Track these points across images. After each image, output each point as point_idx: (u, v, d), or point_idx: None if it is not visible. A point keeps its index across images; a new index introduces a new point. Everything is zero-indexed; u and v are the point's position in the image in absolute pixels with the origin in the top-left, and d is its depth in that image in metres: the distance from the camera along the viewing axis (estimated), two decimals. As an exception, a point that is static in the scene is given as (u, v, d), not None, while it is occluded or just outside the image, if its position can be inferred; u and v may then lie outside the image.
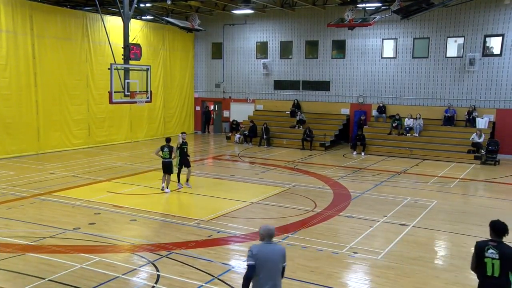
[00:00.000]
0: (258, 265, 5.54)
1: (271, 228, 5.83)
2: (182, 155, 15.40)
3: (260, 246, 5.70)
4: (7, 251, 9.79)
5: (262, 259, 5.57)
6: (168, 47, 29.84)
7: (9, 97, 20.90)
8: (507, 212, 13.62)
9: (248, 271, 5.57)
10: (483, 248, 5.88)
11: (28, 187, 15.59)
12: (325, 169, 19.69)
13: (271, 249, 5.72)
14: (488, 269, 5.84)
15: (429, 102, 25.48)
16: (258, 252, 5.60)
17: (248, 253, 5.63)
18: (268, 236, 5.75)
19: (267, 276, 5.60)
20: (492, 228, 5.94)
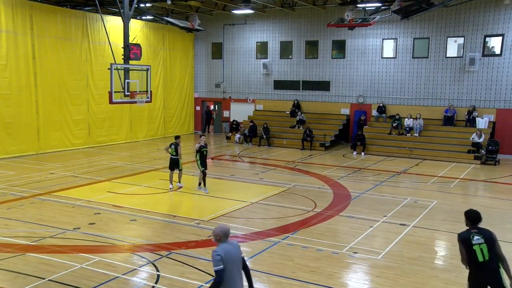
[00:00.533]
0: (226, 267, 5.62)
1: (226, 227, 5.92)
2: (202, 158, 15.28)
3: (224, 248, 5.74)
4: (7, 251, 9.79)
5: (228, 260, 5.67)
6: (168, 47, 29.84)
7: (9, 97, 20.90)
8: (507, 212, 13.63)
9: (219, 277, 5.60)
10: (468, 237, 6.17)
11: (28, 187, 15.59)
12: (325, 169, 19.69)
13: (232, 247, 5.84)
14: (479, 256, 6.07)
15: (429, 102, 25.49)
16: (225, 254, 5.66)
17: (216, 257, 5.62)
18: (225, 236, 5.83)
19: (234, 273, 5.75)
20: (469, 218, 6.32)
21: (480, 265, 6.08)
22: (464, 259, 6.25)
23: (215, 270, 5.62)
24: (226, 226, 5.98)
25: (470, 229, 6.31)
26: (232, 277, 5.70)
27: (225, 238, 5.84)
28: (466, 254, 6.19)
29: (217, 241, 5.84)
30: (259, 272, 9.01)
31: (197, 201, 14.99)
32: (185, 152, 24.26)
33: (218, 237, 5.83)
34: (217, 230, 5.87)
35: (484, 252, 6.09)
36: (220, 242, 5.82)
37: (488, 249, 6.10)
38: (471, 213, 6.39)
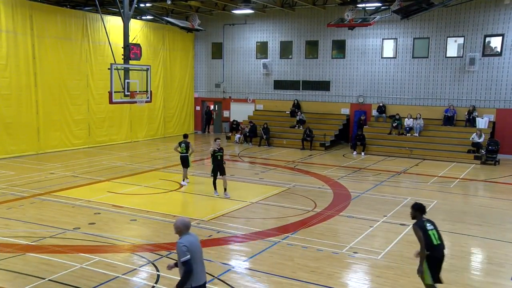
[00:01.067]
0: (192, 257, 5.93)
1: (187, 220, 6.21)
2: (216, 162, 14.52)
3: (188, 239, 6.02)
4: (7, 251, 9.79)
5: (194, 250, 6.01)
6: (168, 47, 29.84)
7: (9, 97, 20.90)
8: (507, 212, 13.63)
9: (189, 266, 5.89)
10: (424, 225, 7.28)
11: (28, 187, 15.59)
12: (325, 169, 19.69)
13: (194, 238, 6.16)
14: (434, 240, 7.20)
15: (429, 102, 25.49)
16: (190, 245, 5.96)
17: (183, 248, 5.89)
18: (186, 228, 6.11)
19: (198, 262, 6.10)
20: (418, 209, 7.42)
21: (435, 247, 7.18)
22: (426, 244, 7.11)
23: (183, 261, 5.88)
24: (187, 219, 6.23)
25: (421, 219, 7.34)
26: (197, 266, 6.02)
27: (186, 230, 6.11)
28: (424, 240, 7.13)
29: (179, 233, 6.11)
30: (259, 272, 9.01)
31: (197, 201, 14.99)
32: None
33: (179, 229, 6.09)
34: (178, 223, 6.12)
35: (436, 237, 7.26)
36: (181, 234, 6.09)
37: (437, 233, 7.30)
38: (420, 206, 7.47)
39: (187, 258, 5.88)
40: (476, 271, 9.51)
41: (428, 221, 7.37)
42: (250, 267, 9.27)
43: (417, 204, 7.52)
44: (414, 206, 7.51)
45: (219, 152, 14.49)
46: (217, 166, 14.49)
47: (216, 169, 14.50)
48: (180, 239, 6.02)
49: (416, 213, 7.44)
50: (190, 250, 5.92)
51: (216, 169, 14.50)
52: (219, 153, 14.50)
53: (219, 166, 14.50)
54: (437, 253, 7.20)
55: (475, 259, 10.36)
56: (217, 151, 14.48)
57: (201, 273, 6.13)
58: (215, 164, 14.51)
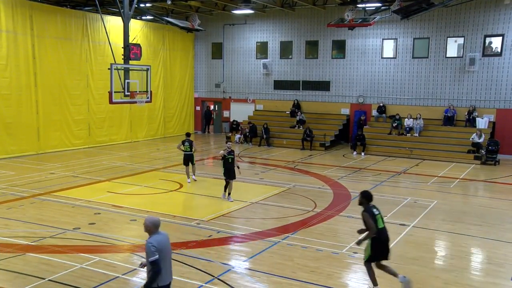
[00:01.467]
0: (160, 256, 5.92)
1: (156, 219, 6.19)
2: (227, 165, 13.97)
3: (156, 239, 6.01)
4: (7, 251, 9.79)
5: (163, 250, 6.00)
6: (168, 47, 29.84)
7: (9, 97, 20.90)
8: (507, 212, 13.63)
9: (157, 266, 5.90)
10: (371, 210, 8.02)
11: (28, 187, 15.59)
12: (325, 169, 19.69)
13: (163, 237, 6.13)
14: (379, 223, 7.99)
15: (429, 102, 25.49)
16: (158, 244, 5.96)
17: (152, 248, 5.89)
18: (155, 227, 6.10)
19: (167, 261, 6.12)
20: (366, 197, 8.13)
21: (381, 230, 8.00)
22: (373, 229, 7.89)
23: (152, 261, 5.88)
24: (156, 218, 6.23)
25: (369, 205, 8.09)
26: (165, 265, 6.04)
27: (155, 229, 6.10)
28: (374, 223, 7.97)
29: (148, 232, 6.09)
30: (259, 272, 9.01)
31: (197, 201, 14.99)
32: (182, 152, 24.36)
33: (149, 228, 6.08)
34: (147, 222, 6.11)
35: (381, 221, 8.08)
36: (151, 233, 6.07)
37: (382, 218, 8.17)
38: (368, 193, 8.21)
39: (155, 258, 5.88)
40: (476, 271, 9.51)
41: (374, 207, 8.15)
42: (250, 267, 9.28)
43: (366, 192, 8.23)
44: (363, 193, 8.21)
45: (229, 155, 14.02)
46: (227, 169, 13.99)
47: (227, 173, 13.99)
48: (149, 239, 6.03)
49: (363, 200, 8.15)
50: (158, 249, 5.93)
51: (227, 173, 13.99)
52: (230, 156, 14.02)
53: (230, 170, 14.00)
54: (382, 235, 8.02)
55: (475, 259, 10.36)
56: (228, 154, 14.01)
57: (167, 273, 6.16)
58: (226, 168, 14.00)
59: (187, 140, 16.62)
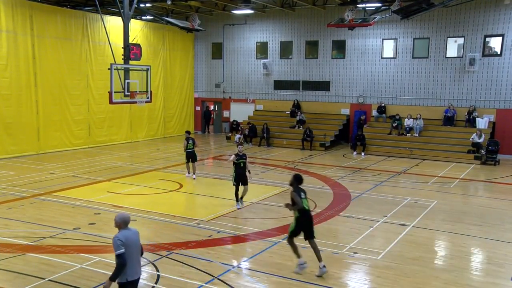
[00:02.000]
0: (128, 251, 6.17)
1: (126, 215, 6.47)
2: (238, 170, 13.17)
3: (124, 234, 6.27)
4: (7, 251, 9.79)
5: (130, 245, 6.23)
6: (168, 47, 29.84)
7: (9, 97, 20.91)
8: (507, 212, 13.63)
9: (122, 259, 6.12)
10: (300, 192, 9.00)
11: (28, 187, 15.59)
12: (325, 169, 19.69)
13: (132, 233, 6.38)
14: (305, 205, 8.94)
15: (429, 102, 25.49)
16: (125, 239, 6.21)
17: (118, 242, 6.14)
18: (124, 223, 6.37)
19: (134, 256, 6.32)
20: (297, 180, 9.10)
21: (305, 211, 8.94)
22: (299, 204, 8.82)
23: (117, 254, 6.12)
24: (126, 214, 6.48)
25: (298, 188, 9.06)
26: (132, 260, 6.25)
27: (124, 225, 6.37)
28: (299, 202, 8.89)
29: (118, 227, 6.36)
30: (259, 272, 9.01)
31: (197, 201, 15.00)
32: (182, 152, 24.35)
33: (118, 224, 6.36)
34: (117, 218, 6.38)
35: (306, 203, 8.99)
36: (120, 228, 6.34)
37: (307, 202, 9.07)
38: (299, 176, 9.19)
39: (120, 252, 6.10)
40: (476, 271, 9.51)
41: (302, 191, 9.10)
42: (250, 267, 9.28)
43: (298, 175, 9.25)
44: (295, 176, 9.23)
45: (241, 159, 13.14)
46: (239, 175, 13.14)
47: (238, 178, 13.16)
48: (117, 234, 6.26)
49: (294, 181, 9.13)
50: (125, 244, 6.14)
51: (238, 178, 13.16)
52: (242, 160, 13.15)
53: (241, 175, 13.17)
54: (306, 214, 8.99)
55: (475, 259, 10.36)
56: (239, 158, 13.15)
57: (136, 268, 6.36)
58: (237, 173, 13.14)
59: (190, 137, 17.48)
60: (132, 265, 6.26)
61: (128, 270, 6.19)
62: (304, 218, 8.96)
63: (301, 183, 9.12)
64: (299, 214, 8.89)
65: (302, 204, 8.84)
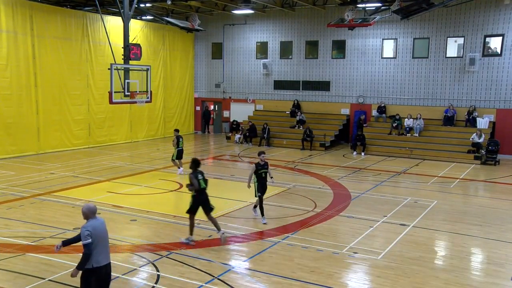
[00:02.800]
0: (95, 240, 6.43)
1: (92, 205, 6.72)
2: (261, 181, 12.04)
3: (92, 224, 6.52)
4: (7, 251, 9.79)
5: (97, 234, 6.51)
6: (168, 47, 29.84)
7: (9, 97, 20.90)
8: (507, 212, 13.63)
9: (88, 249, 6.38)
10: (197, 174, 10.34)
11: (28, 187, 15.58)
12: (325, 169, 19.69)
13: (99, 223, 6.65)
14: (201, 185, 10.32)
15: (429, 102, 25.49)
16: (93, 229, 6.46)
17: (85, 232, 6.37)
18: (92, 213, 6.62)
19: (102, 246, 6.59)
20: (195, 164, 10.49)
21: (201, 190, 10.34)
22: (196, 186, 10.22)
23: (84, 244, 6.36)
24: (92, 204, 6.73)
25: (196, 170, 10.42)
26: (100, 249, 6.53)
27: (92, 215, 6.61)
28: (195, 183, 10.24)
29: (86, 218, 6.59)
30: (259, 272, 9.01)
31: (197, 201, 14.97)
32: (185, 152, 24.36)
33: (86, 214, 6.59)
34: (84, 209, 6.62)
35: (203, 183, 10.31)
36: (88, 219, 6.58)
37: (204, 181, 10.37)
38: (197, 160, 10.58)
39: (87, 242, 6.35)
40: (476, 271, 9.51)
41: (200, 173, 10.41)
42: (250, 267, 9.27)
43: (195, 160, 10.59)
44: (193, 160, 10.57)
45: (263, 168, 11.98)
46: (262, 185, 12.05)
47: (262, 189, 12.04)
48: (85, 224, 6.49)
49: (192, 165, 10.46)
50: (92, 234, 6.39)
51: (262, 189, 12.06)
52: (263, 170, 11.99)
53: (265, 185, 12.13)
54: (201, 194, 10.39)
55: (475, 259, 10.36)
56: (261, 168, 11.98)
57: (103, 255, 6.61)
58: (260, 184, 12.03)
59: (180, 136, 18.06)
60: (100, 252, 6.53)
61: (96, 257, 6.47)
62: (200, 196, 10.39)
63: (199, 166, 10.52)
64: (195, 193, 10.34)
65: (198, 185, 10.24)
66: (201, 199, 10.38)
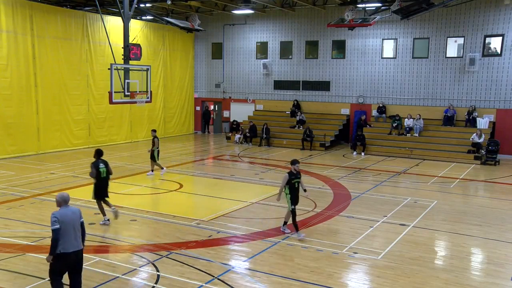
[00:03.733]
0: (63, 227, 6.85)
1: (65, 194, 7.18)
2: (294, 192, 10.93)
3: (61, 212, 6.96)
4: (7, 251, 9.79)
5: (65, 221, 6.90)
6: (168, 47, 29.84)
7: (9, 97, 20.91)
8: (507, 212, 13.63)
9: (56, 234, 6.82)
10: (98, 164, 11.53)
11: (28, 187, 15.59)
12: (325, 169, 19.69)
13: (70, 211, 7.05)
14: (102, 174, 11.55)
15: (429, 102, 25.49)
16: (61, 216, 6.89)
17: (53, 219, 6.83)
18: (64, 201, 7.06)
19: (70, 233, 6.96)
20: (97, 153, 11.66)
21: (102, 179, 11.57)
22: (93, 174, 11.39)
23: (52, 229, 6.82)
24: (66, 193, 7.21)
25: (98, 160, 11.55)
26: (68, 236, 6.94)
27: (64, 203, 7.05)
28: (96, 172, 11.44)
29: (58, 205, 7.04)
30: (259, 272, 9.01)
31: (197, 201, 15.00)
32: (182, 152, 24.37)
33: (59, 202, 7.05)
34: (57, 197, 7.07)
35: (104, 172, 11.61)
36: (60, 206, 7.03)
37: (105, 170, 11.63)
38: (99, 150, 11.77)
39: (54, 227, 6.80)
40: (476, 271, 9.51)
41: (102, 162, 11.60)
42: (250, 267, 9.28)
43: (98, 149, 11.81)
44: (96, 150, 11.79)
45: (296, 178, 10.93)
46: (296, 196, 10.95)
47: (295, 200, 10.95)
48: (55, 211, 6.96)
49: (96, 155, 11.62)
50: (60, 221, 6.82)
51: (296, 200, 10.97)
52: (297, 179, 10.95)
53: (298, 196, 11.01)
54: (101, 182, 11.63)
55: (475, 259, 10.36)
56: (294, 177, 10.91)
57: (71, 243, 6.98)
58: (294, 195, 10.91)
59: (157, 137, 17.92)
60: (68, 240, 6.93)
61: (63, 244, 6.89)
62: (100, 183, 11.58)
63: (101, 155, 11.72)
64: (96, 181, 11.53)
65: (96, 174, 11.45)
66: (101, 185, 11.61)
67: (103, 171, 11.55)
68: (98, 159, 11.60)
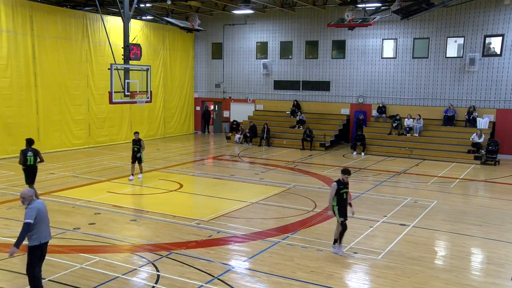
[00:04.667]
0: (40, 219, 7.30)
1: (30, 189, 7.79)
2: (342, 202, 10.06)
3: (36, 205, 7.35)
4: (7, 251, 9.76)
5: (41, 215, 7.35)
6: (168, 47, 29.84)
7: (9, 97, 20.91)
8: (507, 212, 13.63)
9: (27, 229, 7.17)
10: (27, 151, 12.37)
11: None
12: (325, 169, 19.69)
13: (41, 204, 7.51)
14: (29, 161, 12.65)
15: (429, 102, 25.49)
16: (38, 210, 7.30)
17: (30, 213, 7.20)
18: (34, 195, 7.53)
19: (45, 223, 7.49)
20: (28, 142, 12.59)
21: (28, 166, 12.60)
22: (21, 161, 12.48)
23: (27, 222, 7.16)
24: (29, 188, 7.86)
25: (28, 148, 12.41)
26: (46, 227, 7.49)
27: (35, 197, 7.54)
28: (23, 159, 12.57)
29: (28, 201, 7.35)
30: (259, 272, 9.01)
31: (197, 201, 15.00)
32: (182, 152, 24.36)
33: (29, 197, 7.38)
34: (26, 194, 7.38)
35: (32, 160, 12.58)
36: (30, 201, 7.35)
37: (33, 159, 12.65)
38: (30, 140, 12.69)
39: (29, 221, 7.15)
40: (476, 271, 9.51)
41: (31, 150, 12.66)
42: (250, 267, 9.27)
43: (30, 139, 12.72)
44: (27, 139, 12.76)
45: (345, 188, 10.01)
46: (344, 208, 10.07)
47: (343, 212, 10.05)
48: (31, 205, 7.30)
49: (26, 143, 12.57)
50: (37, 215, 7.23)
51: (344, 212, 10.07)
52: (345, 189, 10.03)
53: (345, 208, 10.12)
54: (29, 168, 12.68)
55: (475, 259, 10.35)
56: (343, 187, 9.98)
57: (48, 232, 7.55)
58: (342, 206, 10.04)
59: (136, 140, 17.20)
60: (45, 230, 7.46)
61: (43, 234, 7.38)
62: (27, 170, 12.82)
63: (32, 144, 12.78)
64: (24, 167, 12.71)
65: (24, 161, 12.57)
66: (29, 172, 12.76)
67: (29, 159, 12.70)
68: (29, 147, 12.71)
